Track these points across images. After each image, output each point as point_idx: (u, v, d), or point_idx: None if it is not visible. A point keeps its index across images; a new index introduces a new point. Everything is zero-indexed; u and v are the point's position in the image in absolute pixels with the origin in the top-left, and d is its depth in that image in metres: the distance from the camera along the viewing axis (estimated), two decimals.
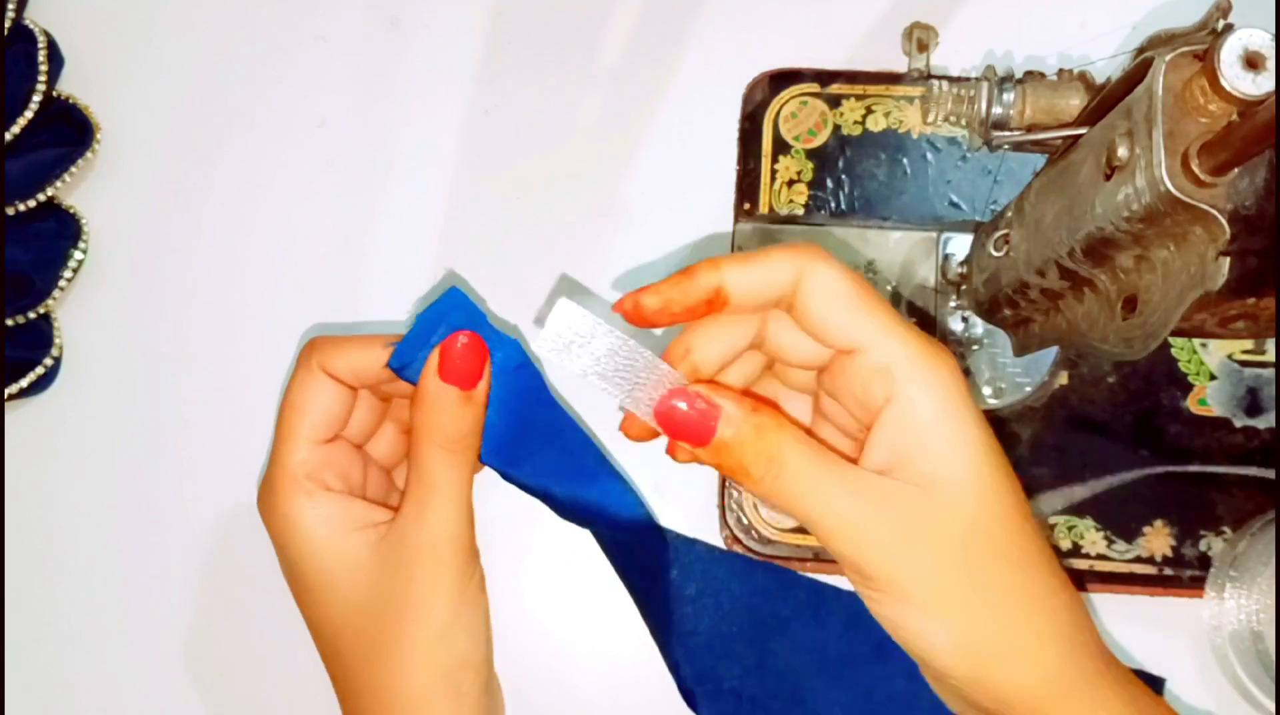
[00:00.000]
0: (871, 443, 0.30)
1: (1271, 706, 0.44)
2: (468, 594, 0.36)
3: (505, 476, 0.37)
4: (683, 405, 0.30)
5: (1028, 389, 0.47)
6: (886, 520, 0.29)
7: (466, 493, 0.36)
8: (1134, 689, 0.31)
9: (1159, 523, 0.46)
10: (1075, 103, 0.38)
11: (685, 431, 0.30)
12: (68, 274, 0.49)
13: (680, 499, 0.47)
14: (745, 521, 0.46)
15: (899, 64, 0.48)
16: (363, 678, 0.36)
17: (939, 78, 0.40)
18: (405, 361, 0.34)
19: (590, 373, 0.31)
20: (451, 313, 0.34)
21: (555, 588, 0.48)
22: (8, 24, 0.49)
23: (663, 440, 0.33)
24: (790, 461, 0.29)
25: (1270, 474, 0.46)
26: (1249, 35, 0.27)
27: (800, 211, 0.49)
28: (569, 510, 0.37)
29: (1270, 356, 0.47)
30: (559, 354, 0.30)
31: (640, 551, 0.39)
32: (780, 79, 0.50)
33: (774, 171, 0.50)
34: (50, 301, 0.49)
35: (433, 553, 0.35)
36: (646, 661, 0.47)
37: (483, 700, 0.37)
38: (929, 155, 0.49)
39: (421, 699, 0.35)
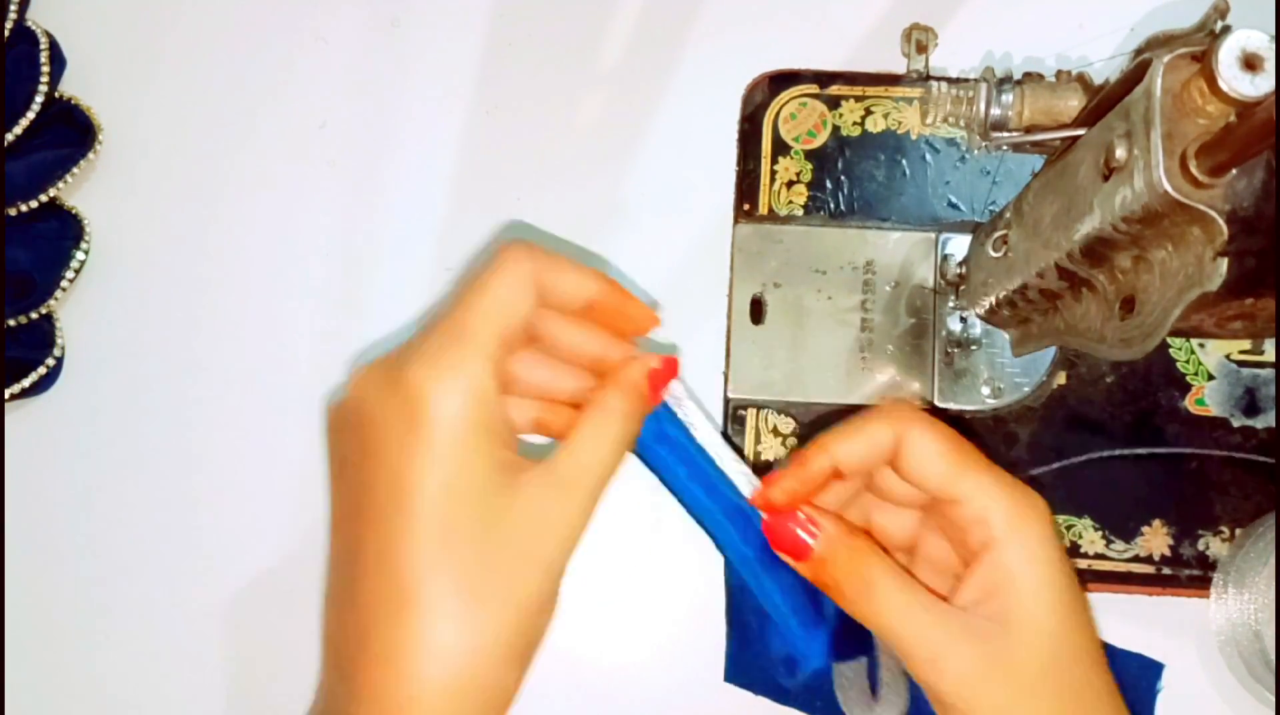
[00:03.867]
0: (966, 581, 0.34)
1: (1272, 706, 0.44)
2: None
3: (650, 456, 0.37)
4: (788, 522, 0.35)
5: (1026, 389, 0.47)
6: (968, 651, 0.32)
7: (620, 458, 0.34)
8: None
9: (1157, 522, 0.47)
10: (1074, 104, 0.38)
11: (786, 544, 0.35)
12: (69, 274, 0.49)
13: None
14: None
15: (898, 65, 0.49)
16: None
17: (938, 79, 0.40)
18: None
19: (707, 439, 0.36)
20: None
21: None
22: (9, 25, 0.50)
23: None
24: (881, 585, 0.33)
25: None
26: (1247, 36, 0.27)
27: (800, 212, 0.49)
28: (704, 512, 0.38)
29: (1268, 357, 0.47)
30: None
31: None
32: (780, 80, 0.50)
33: (773, 172, 0.50)
34: (52, 302, 0.49)
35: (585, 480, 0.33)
36: (644, 663, 0.47)
37: None
38: (928, 156, 0.50)
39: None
